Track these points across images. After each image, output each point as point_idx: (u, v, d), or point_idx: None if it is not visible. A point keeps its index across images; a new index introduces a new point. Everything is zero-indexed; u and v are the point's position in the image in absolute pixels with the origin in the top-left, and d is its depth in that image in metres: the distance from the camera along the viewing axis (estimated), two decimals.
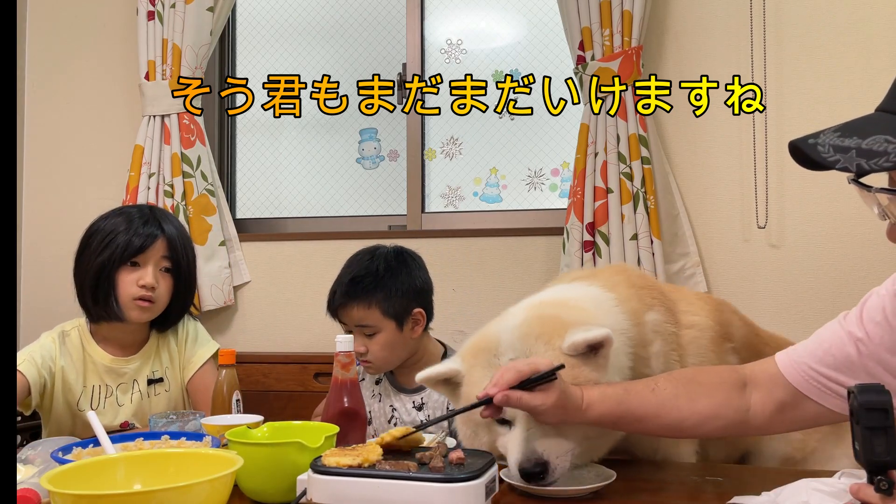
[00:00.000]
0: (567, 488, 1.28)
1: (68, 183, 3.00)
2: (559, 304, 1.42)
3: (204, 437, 1.40)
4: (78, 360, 1.95)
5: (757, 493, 1.18)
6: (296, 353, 2.71)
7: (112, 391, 1.95)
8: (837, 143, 0.98)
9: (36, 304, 2.97)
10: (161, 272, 1.91)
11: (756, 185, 2.36)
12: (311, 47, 3.00)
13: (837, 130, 1.00)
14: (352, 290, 1.83)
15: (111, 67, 2.98)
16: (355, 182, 2.93)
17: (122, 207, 2.02)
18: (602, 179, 2.38)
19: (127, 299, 1.88)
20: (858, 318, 1.22)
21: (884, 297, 1.20)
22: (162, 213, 2.00)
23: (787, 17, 2.37)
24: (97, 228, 1.93)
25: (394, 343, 1.83)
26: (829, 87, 2.33)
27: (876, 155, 0.94)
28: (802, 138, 1.01)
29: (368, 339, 1.83)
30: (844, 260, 2.29)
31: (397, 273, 1.85)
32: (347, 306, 1.83)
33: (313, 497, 1.18)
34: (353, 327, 1.84)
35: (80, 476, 1.06)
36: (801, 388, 1.25)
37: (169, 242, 1.91)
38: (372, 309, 1.81)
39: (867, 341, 1.19)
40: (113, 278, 1.87)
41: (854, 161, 0.95)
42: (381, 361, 1.85)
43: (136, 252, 1.87)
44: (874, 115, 1.01)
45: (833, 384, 1.22)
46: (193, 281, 2.03)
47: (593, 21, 2.39)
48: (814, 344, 1.27)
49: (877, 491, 0.92)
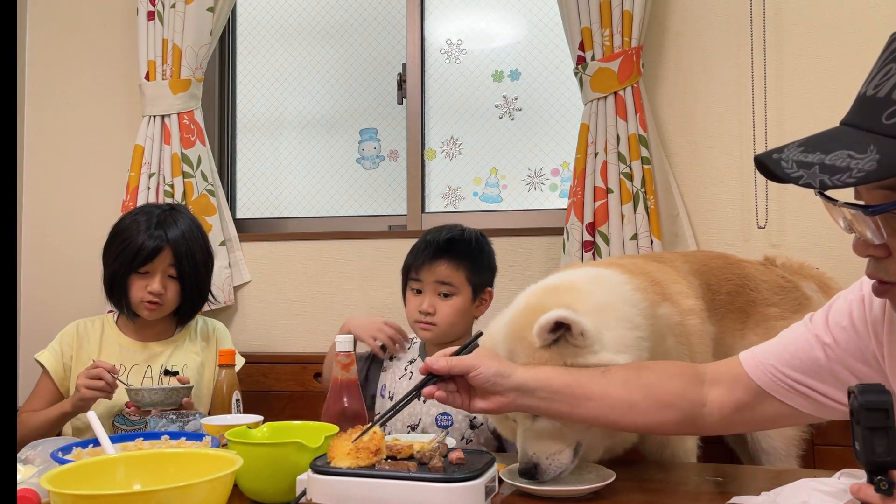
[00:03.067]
0: (566, 488, 1.28)
1: (68, 183, 3.00)
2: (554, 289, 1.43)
3: (204, 437, 1.40)
4: (95, 340, 2.14)
5: (757, 493, 1.18)
6: (296, 353, 2.71)
7: (126, 370, 2.08)
8: (801, 159, 0.96)
9: (36, 303, 2.98)
10: (168, 278, 2.07)
11: (756, 185, 2.36)
12: (311, 47, 3.00)
13: (801, 145, 0.99)
14: (447, 247, 1.92)
15: (111, 67, 2.98)
16: (355, 182, 2.93)
17: (145, 207, 2.18)
18: (602, 179, 2.38)
19: (137, 301, 2.06)
20: (825, 322, 1.21)
21: (851, 301, 1.19)
22: (174, 216, 2.10)
23: (787, 17, 2.37)
24: (120, 229, 2.09)
25: (463, 311, 1.92)
26: (829, 86, 2.33)
27: (839, 171, 0.93)
28: (767, 153, 1.00)
29: (441, 301, 1.90)
30: (844, 260, 2.29)
31: (484, 249, 1.99)
32: (437, 262, 1.91)
33: (313, 497, 1.18)
34: (430, 284, 1.91)
35: (79, 476, 1.06)
36: (765, 386, 1.24)
37: (174, 252, 2.05)
38: (459, 271, 1.91)
39: (834, 346, 1.18)
40: (125, 284, 2.06)
41: (817, 177, 0.94)
42: (446, 325, 1.91)
43: (142, 263, 2.03)
44: (838, 129, 0.99)
45: (800, 386, 1.21)
46: (203, 280, 2.16)
47: (593, 21, 2.39)
48: (779, 346, 1.25)
49: (877, 491, 0.92)
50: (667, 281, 1.58)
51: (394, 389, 1.95)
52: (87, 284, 2.88)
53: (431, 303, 1.90)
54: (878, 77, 0.96)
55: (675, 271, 1.68)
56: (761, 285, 1.85)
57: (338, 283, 2.73)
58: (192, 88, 2.74)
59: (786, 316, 1.80)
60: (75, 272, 2.93)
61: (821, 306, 1.73)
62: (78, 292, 2.91)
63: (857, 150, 0.93)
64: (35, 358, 2.11)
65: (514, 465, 1.36)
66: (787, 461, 1.76)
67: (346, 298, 2.71)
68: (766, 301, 1.82)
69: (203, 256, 2.13)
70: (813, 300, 1.87)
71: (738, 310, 1.79)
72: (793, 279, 1.91)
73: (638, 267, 1.59)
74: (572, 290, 1.39)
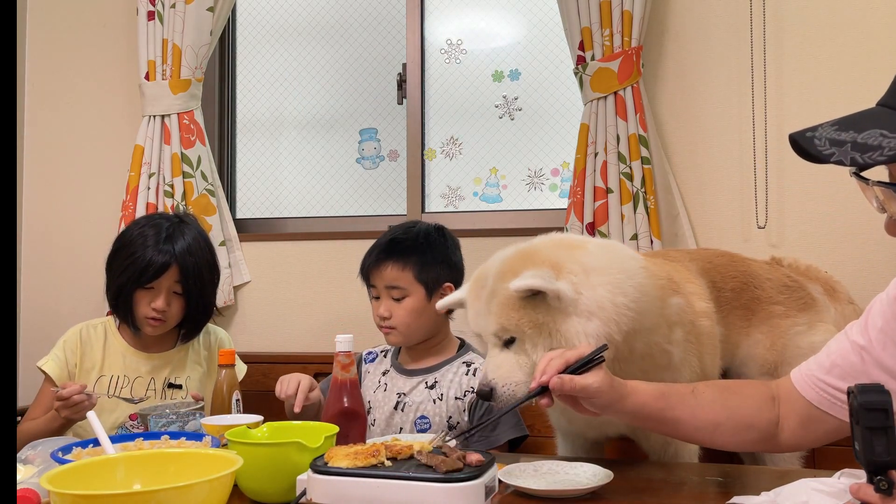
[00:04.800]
0: (566, 488, 1.28)
1: (68, 183, 3.00)
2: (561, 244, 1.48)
3: (204, 437, 1.40)
4: (99, 348, 2.08)
5: (757, 493, 1.18)
6: (296, 353, 2.71)
7: (129, 381, 2.05)
8: (834, 137, 0.99)
9: (36, 304, 2.98)
10: (173, 294, 2.01)
11: (756, 185, 2.36)
12: (311, 47, 3.00)
13: (835, 124, 1.01)
14: (390, 249, 1.88)
15: (111, 67, 2.98)
16: (355, 182, 2.93)
17: (152, 217, 2.12)
18: (602, 179, 2.38)
19: (141, 317, 2.01)
20: (863, 327, 1.22)
21: (884, 301, 1.21)
22: (182, 229, 2.04)
23: (787, 17, 2.37)
24: (126, 241, 2.02)
25: (420, 311, 1.86)
26: (829, 86, 2.33)
27: (870, 149, 0.95)
28: (801, 132, 1.03)
29: (395, 304, 1.86)
30: (844, 260, 2.29)
31: (435, 243, 1.91)
32: (382, 265, 1.87)
33: (313, 497, 1.18)
34: (382, 289, 1.87)
35: (79, 476, 1.06)
36: (814, 401, 1.25)
37: (180, 269, 1.99)
38: (406, 271, 1.85)
39: (870, 347, 1.19)
40: (130, 299, 2.00)
41: (849, 154, 0.96)
42: (404, 327, 1.87)
43: (148, 280, 1.98)
44: (874, 110, 1.02)
45: (842, 395, 1.21)
46: (208, 296, 2.10)
47: (593, 21, 2.39)
48: (822, 356, 1.27)
49: (877, 491, 0.92)
50: (683, 280, 1.60)
51: (371, 400, 1.94)
52: (87, 284, 2.88)
53: (387, 307, 1.86)
54: None
55: (688, 272, 1.69)
56: (766, 283, 1.85)
57: (338, 283, 2.73)
58: (191, 88, 2.75)
59: (790, 314, 1.81)
60: (75, 272, 2.93)
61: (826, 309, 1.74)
62: (78, 292, 2.91)
63: (890, 129, 0.96)
64: (38, 366, 2.04)
65: (514, 466, 1.36)
66: (789, 461, 1.76)
67: (345, 298, 2.71)
68: (770, 299, 1.83)
69: (209, 273, 2.08)
70: (818, 301, 1.87)
71: (742, 307, 1.79)
72: (798, 279, 1.92)
73: (658, 262, 1.64)
74: (575, 248, 1.45)
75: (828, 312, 1.86)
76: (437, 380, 1.89)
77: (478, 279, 1.49)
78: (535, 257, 1.42)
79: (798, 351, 1.76)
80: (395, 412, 1.88)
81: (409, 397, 1.88)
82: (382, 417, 1.88)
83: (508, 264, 1.43)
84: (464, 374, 1.88)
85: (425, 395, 1.87)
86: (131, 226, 2.08)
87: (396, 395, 1.90)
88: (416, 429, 1.85)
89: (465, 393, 1.86)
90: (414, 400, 1.87)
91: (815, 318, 1.82)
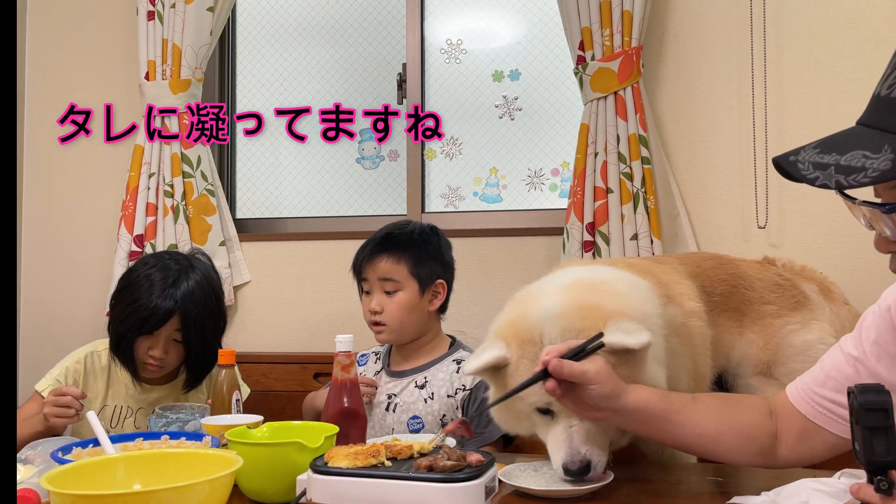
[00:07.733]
0: (566, 488, 1.28)
1: (68, 183, 3.00)
2: (596, 289, 1.40)
3: (204, 437, 1.40)
4: (103, 379, 2.06)
5: (757, 493, 1.18)
6: (296, 353, 2.71)
7: (132, 413, 2.04)
8: (817, 161, 0.99)
9: (36, 303, 2.97)
10: (172, 342, 1.97)
11: (756, 185, 2.36)
12: (311, 47, 3.00)
13: (817, 146, 1.01)
14: (385, 242, 1.89)
15: (111, 67, 2.97)
16: (355, 182, 2.93)
17: (159, 256, 2.06)
18: (602, 179, 2.38)
19: (139, 361, 1.99)
20: (857, 339, 1.22)
21: (876, 313, 1.20)
22: (188, 274, 1.98)
23: (787, 17, 2.37)
24: (132, 281, 1.98)
25: (412, 307, 1.87)
26: (829, 87, 2.33)
27: (854, 171, 0.95)
28: (784, 155, 1.03)
29: (387, 298, 1.87)
30: (844, 260, 2.29)
31: (429, 241, 1.93)
32: (376, 258, 1.88)
33: (313, 497, 1.18)
34: (375, 282, 1.87)
35: (79, 476, 1.06)
36: (809, 415, 1.24)
37: (182, 319, 1.95)
38: (400, 265, 1.86)
39: (864, 359, 1.19)
40: (130, 346, 1.97)
41: (833, 178, 0.97)
42: (396, 323, 1.87)
43: (150, 330, 1.94)
44: (854, 130, 1.01)
45: (837, 408, 1.21)
46: (211, 345, 2.00)
47: (593, 21, 2.39)
48: (817, 369, 1.27)
49: (877, 491, 0.92)
50: (671, 282, 1.59)
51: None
52: (87, 284, 2.88)
53: (379, 301, 1.87)
54: (893, 77, 0.98)
55: (676, 273, 1.69)
56: (756, 283, 1.84)
57: (338, 283, 2.73)
58: (191, 88, 2.74)
59: (783, 313, 1.80)
60: (75, 272, 2.93)
61: (821, 308, 1.73)
62: (78, 292, 2.91)
63: (872, 150, 0.96)
64: (36, 389, 2.01)
65: (514, 466, 1.36)
66: None
67: (346, 298, 2.71)
68: (761, 299, 1.82)
69: (213, 321, 2.02)
70: (812, 300, 1.86)
71: (733, 309, 1.79)
72: (791, 278, 1.91)
73: (644, 268, 1.60)
74: (618, 295, 1.38)
75: (822, 311, 1.85)
76: (428, 379, 1.89)
77: (528, 343, 1.35)
78: (599, 310, 1.32)
79: (792, 350, 1.75)
80: (387, 413, 1.89)
81: (399, 398, 1.89)
82: (375, 419, 1.89)
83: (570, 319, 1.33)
84: (454, 372, 1.89)
85: (416, 395, 1.88)
86: (138, 265, 2.04)
87: (387, 396, 1.91)
88: (409, 429, 1.85)
89: (457, 391, 1.86)
90: (405, 400, 1.88)
91: (809, 316, 1.81)
